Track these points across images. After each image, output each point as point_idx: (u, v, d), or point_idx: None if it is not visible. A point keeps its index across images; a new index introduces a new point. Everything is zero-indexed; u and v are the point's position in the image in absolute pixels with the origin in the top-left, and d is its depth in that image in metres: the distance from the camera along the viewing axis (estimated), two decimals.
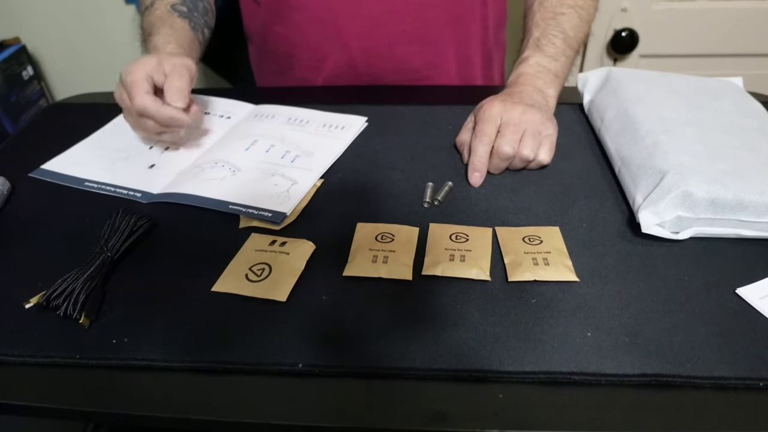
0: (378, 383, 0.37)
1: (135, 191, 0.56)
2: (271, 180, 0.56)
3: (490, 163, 0.56)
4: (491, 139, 0.55)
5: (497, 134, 0.56)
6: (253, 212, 0.51)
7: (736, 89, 0.62)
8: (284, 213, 0.51)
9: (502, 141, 0.55)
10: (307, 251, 0.47)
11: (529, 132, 0.56)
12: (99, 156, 0.62)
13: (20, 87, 1.24)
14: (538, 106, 0.59)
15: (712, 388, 0.36)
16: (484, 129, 0.56)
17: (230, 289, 0.44)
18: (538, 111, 0.57)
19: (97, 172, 0.59)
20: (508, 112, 0.56)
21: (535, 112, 0.57)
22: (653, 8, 1.08)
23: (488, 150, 0.55)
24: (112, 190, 0.56)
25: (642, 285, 0.43)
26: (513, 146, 0.55)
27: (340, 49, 0.73)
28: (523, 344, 0.39)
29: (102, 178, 0.58)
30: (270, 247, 0.48)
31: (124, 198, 0.55)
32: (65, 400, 0.38)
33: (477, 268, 0.44)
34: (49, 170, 0.60)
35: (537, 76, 0.63)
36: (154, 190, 0.55)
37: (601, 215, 0.50)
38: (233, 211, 0.52)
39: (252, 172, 0.57)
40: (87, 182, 0.57)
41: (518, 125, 0.56)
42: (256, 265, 0.46)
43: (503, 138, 0.55)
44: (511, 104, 0.57)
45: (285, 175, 0.57)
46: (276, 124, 0.65)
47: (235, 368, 0.38)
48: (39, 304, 0.42)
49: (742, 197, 0.45)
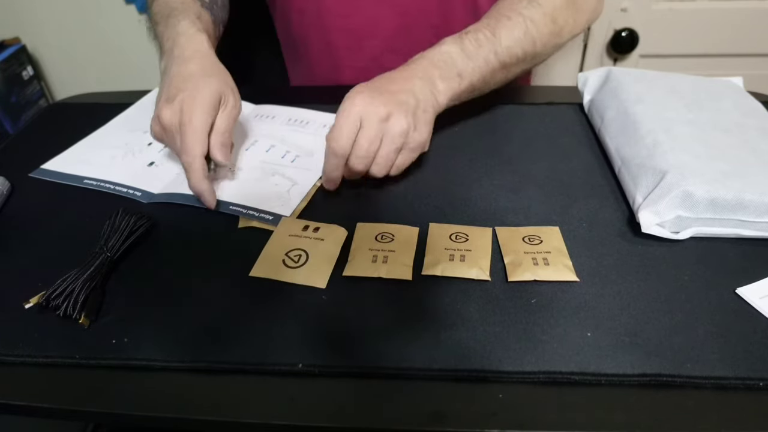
0: (378, 383, 0.37)
1: (135, 189, 0.56)
2: (272, 180, 0.56)
3: (344, 169, 0.51)
4: (345, 152, 0.49)
5: (355, 138, 0.50)
6: (254, 214, 0.51)
7: (736, 89, 0.62)
8: (285, 216, 0.51)
9: (353, 156, 0.50)
10: (341, 237, 0.48)
11: (386, 144, 0.50)
12: (98, 154, 0.62)
13: (20, 87, 1.24)
14: (411, 107, 0.51)
15: (712, 388, 0.36)
16: (339, 138, 0.49)
17: (268, 274, 0.44)
18: (405, 116, 0.50)
19: (96, 170, 0.59)
20: (370, 114, 0.49)
21: (401, 117, 0.50)
22: (653, 8, 1.08)
23: (342, 162, 0.50)
24: (111, 187, 0.56)
25: (642, 285, 0.43)
26: (365, 164, 0.50)
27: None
28: (523, 344, 0.39)
29: (101, 175, 0.58)
30: (304, 232, 0.48)
31: (123, 196, 0.55)
32: (65, 400, 0.38)
33: (477, 268, 0.44)
34: (49, 170, 0.60)
35: (436, 65, 0.55)
36: (154, 190, 0.55)
37: (601, 215, 0.50)
38: (233, 212, 0.52)
39: (252, 171, 0.57)
40: (86, 180, 0.57)
41: (377, 135, 0.50)
42: (293, 251, 0.46)
43: (355, 153, 0.50)
44: (379, 103, 0.50)
45: (285, 175, 0.57)
46: (276, 125, 0.65)
47: (235, 368, 0.38)
48: (39, 304, 0.42)
49: (743, 197, 0.45)
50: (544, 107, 0.68)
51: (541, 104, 0.69)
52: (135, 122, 0.67)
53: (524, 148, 0.60)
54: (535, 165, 0.57)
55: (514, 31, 0.59)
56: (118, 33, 1.25)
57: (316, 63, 0.80)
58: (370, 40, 0.74)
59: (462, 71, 0.56)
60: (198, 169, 0.50)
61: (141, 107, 0.71)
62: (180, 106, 0.51)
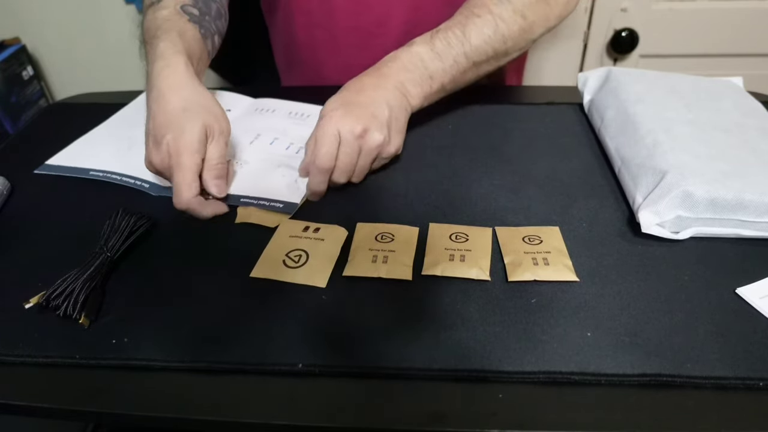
0: (378, 383, 0.37)
1: (142, 181, 0.56)
2: (278, 171, 0.56)
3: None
4: (329, 168, 0.52)
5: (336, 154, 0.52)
6: (265, 204, 0.52)
7: (736, 89, 0.62)
8: (296, 203, 0.52)
9: (336, 171, 0.53)
10: (341, 237, 0.48)
11: (363, 157, 0.53)
12: (102, 147, 0.62)
13: (20, 87, 1.24)
14: (385, 120, 0.53)
15: (712, 388, 0.36)
16: (323, 156, 0.51)
17: (268, 275, 0.45)
18: (380, 130, 0.53)
19: (101, 162, 0.59)
20: (346, 132, 0.52)
21: (376, 133, 0.52)
22: (653, 8, 1.08)
23: (326, 177, 0.53)
24: (118, 178, 0.56)
25: (642, 285, 0.43)
26: (347, 176, 0.53)
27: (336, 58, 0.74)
28: (523, 344, 0.39)
29: (107, 166, 0.58)
30: (304, 233, 0.48)
31: (130, 187, 0.55)
32: (65, 400, 0.38)
33: (477, 268, 0.44)
34: (54, 164, 0.60)
35: (407, 69, 0.57)
36: (163, 183, 0.55)
37: (601, 215, 0.50)
38: (245, 204, 0.52)
39: (259, 164, 0.58)
40: (92, 171, 0.58)
41: (354, 150, 0.52)
42: (293, 251, 0.46)
43: (338, 168, 0.52)
44: (354, 120, 0.52)
45: (290, 166, 0.57)
46: (277, 118, 0.66)
47: (235, 368, 0.38)
48: (39, 304, 0.42)
49: (742, 197, 0.45)
50: (544, 107, 0.68)
51: (541, 104, 0.69)
52: (136, 118, 0.67)
53: (524, 148, 0.60)
54: (535, 165, 0.57)
55: (484, 30, 0.59)
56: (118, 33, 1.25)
57: (322, 64, 0.79)
58: (381, 37, 0.74)
59: (433, 73, 0.58)
60: (196, 210, 0.50)
61: (141, 104, 0.71)
62: (167, 149, 0.50)
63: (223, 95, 0.71)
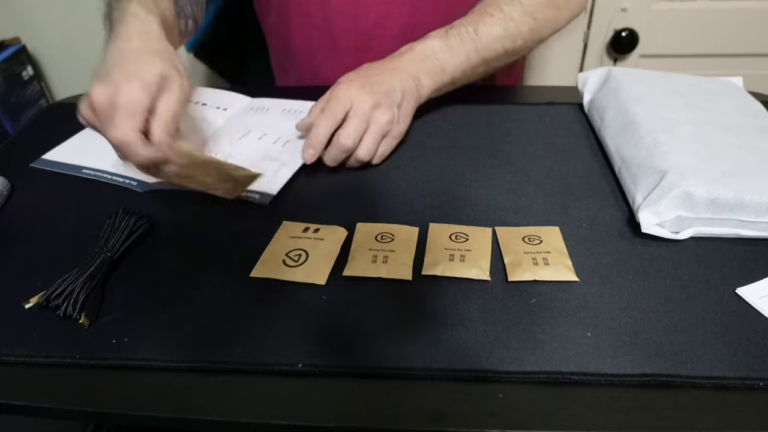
0: (378, 383, 0.37)
1: (130, 179, 0.56)
2: (261, 165, 0.57)
3: (327, 152, 0.55)
4: (336, 122, 0.53)
5: (343, 120, 0.54)
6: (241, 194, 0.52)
7: (736, 89, 0.62)
8: (271, 194, 0.52)
9: (343, 132, 0.53)
10: (341, 237, 0.48)
11: (372, 131, 0.54)
12: (95, 145, 0.62)
13: (20, 87, 1.24)
14: (396, 100, 0.56)
15: (712, 388, 0.36)
16: (333, 108, 0.54)
17: (268, 274, 0.45)
18: (391, 108, 0.55)
19: (94, 160, 0.59)
20: (359, 101, 0.54)
21: (386, 110, 0.55)
22: (653, 8, 1.08)
23: (329, 131, 0.53)
24: (109, 177, 0.57)
25: (642, 285, 0.43)
26: (354, 140, 0.53)
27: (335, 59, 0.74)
28: (523, 344, 0.39)
29: (98, 165, 0.59)
30: (304, 234, 0.49)
31: (120, 186, 0.55)
32: (65, 400, 0.38)
33: (477, 267, 0.44)
34: (50, 160, 0.61)
35: (423, 61, 0.60)
36: (150, 179, 0.56)
37: (601, 215, 0.50)
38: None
39: (243, 160, 0.57)
40: (85, 170, 0.58)
41: (364, 119, 0.54)
42: (293, 251, 0.46)
43: (345, 129, 0.53)
44: (367, 93, 0.54)
45: (274, 158, 0.57)
46: (270, 116, 0.66)
47: (235, 368, 0.38)
48: (39, 304, 0.42)
49: (742, 197, 0.45)
50: (544, 107, 0.68)
51: (541, 104, 0.69)
52: None
53: (524, 148, 0.60)
54: (535, 165, 0.57)
55: (495, 29, 0.62)
56: None
57: (319, 66, 0.79)
58: (378, 39, 0.74)
59: (445, 66, 0.60)
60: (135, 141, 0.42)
61: None
62: (115, 86, 0.43)
63: (222, 94, 0.71)
